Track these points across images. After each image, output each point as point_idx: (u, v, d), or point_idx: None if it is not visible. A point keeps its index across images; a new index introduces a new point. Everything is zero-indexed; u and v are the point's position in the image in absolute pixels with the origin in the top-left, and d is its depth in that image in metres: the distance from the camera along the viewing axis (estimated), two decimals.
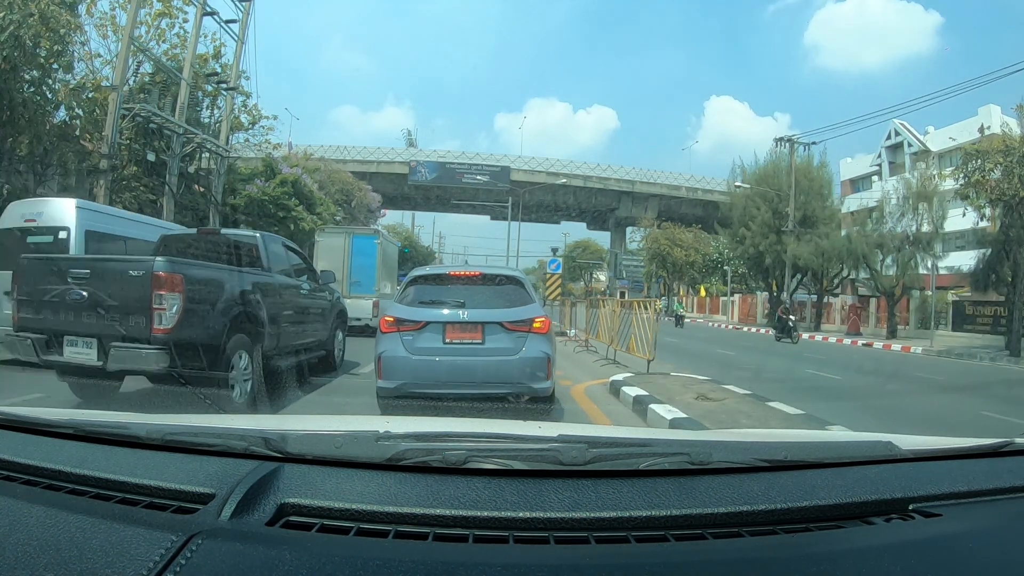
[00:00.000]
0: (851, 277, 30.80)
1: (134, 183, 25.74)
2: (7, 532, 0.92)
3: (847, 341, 22.07)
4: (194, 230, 10.01)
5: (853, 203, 37.93)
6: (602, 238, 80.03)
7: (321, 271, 8.99)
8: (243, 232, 9.24)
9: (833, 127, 53.34)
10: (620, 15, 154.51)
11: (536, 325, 5.64)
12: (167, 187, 24.09)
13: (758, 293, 38.58)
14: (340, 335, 8.97)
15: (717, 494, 1.07)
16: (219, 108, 30.32)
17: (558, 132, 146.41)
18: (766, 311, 36.71)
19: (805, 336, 25.13)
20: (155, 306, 5.01)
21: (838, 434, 2.44)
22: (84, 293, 5.12)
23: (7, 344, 5.64)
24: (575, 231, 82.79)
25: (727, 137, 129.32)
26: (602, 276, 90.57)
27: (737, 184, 31.15)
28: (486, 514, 0.98)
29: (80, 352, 5.17)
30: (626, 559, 0.91)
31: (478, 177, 58.77)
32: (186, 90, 24.66)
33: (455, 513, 0.98)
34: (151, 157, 23.43)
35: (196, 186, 28.63)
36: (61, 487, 1.09)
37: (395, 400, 5.47)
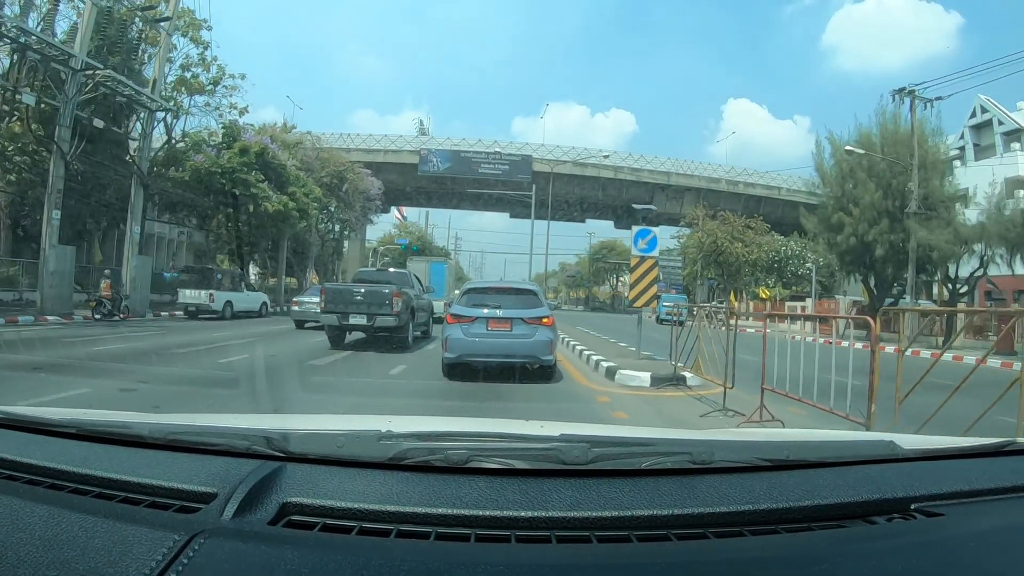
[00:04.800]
0: (983, 274, 22.51)
1: (32, 147, 18.18)
2: (10, 531, 0.91)
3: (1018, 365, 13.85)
4: (374, 268, 19.52)
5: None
6: (629, 238, 71.24)
7: (426, 286, 17.66)
8: (400, 269, 17.81)
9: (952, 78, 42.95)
10: (639, 19, 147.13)
11: (544, 320, 8.53)
12: (56, 145, 16.36)
13: (839, 297, 30.32)
14: (431, 321, 15.84)
15: (719, 493, 1.05)
16: (171, 63, 22.71)
17: (576, 135, 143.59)
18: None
19: (947, 357, 16.77)
20: (393, 303, 11.97)
21: (840, 433, 2.28)
22: (360, 298, 11.99)
23: (323, 318, 12.41)
24: (600, 230, 74.45)
25: (746, 140, 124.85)
26: (629, 279, 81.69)
27: (848, 148, 22.90)
28: (488, 513, 0.97)
29: (358, 319, 11.98)
30: (628, 558, 0.89)
31: (496, 167, 50.84)
32: (91, 11, 16.98)
33: (457, 512, 0.97)
34: (29, 99, 15.79)
35: (130, 157, 20.97)
36: (64, 486, 1.07)
37: (455, 366, 8.41)
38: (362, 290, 12.07)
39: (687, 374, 8.56)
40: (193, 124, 25.50)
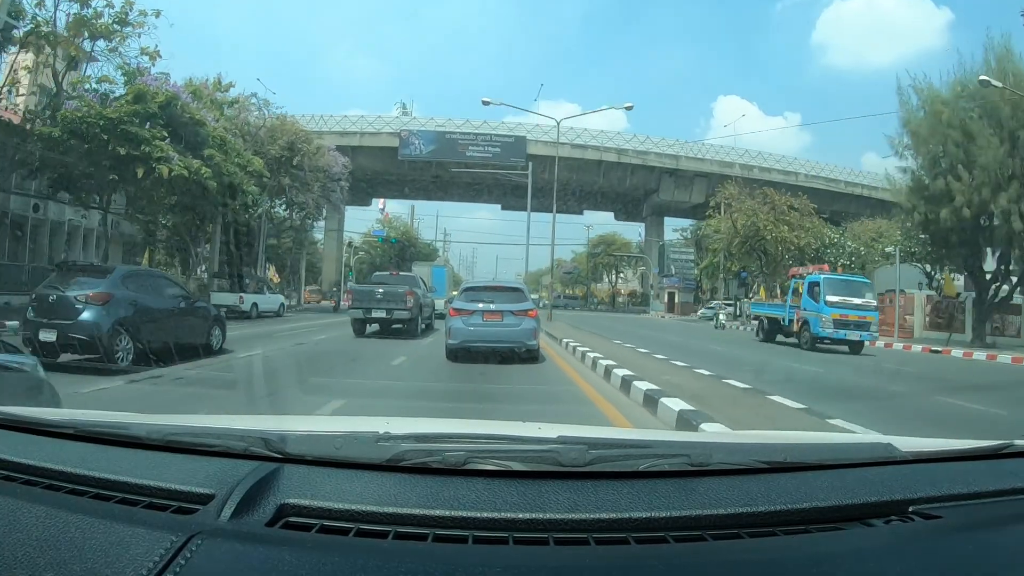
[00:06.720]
0: None
1: None
2: (7, 532, 0.89)
3: None
4: (388, 272, 21.38)
5: None
6: (629, 232, 65.02)
7: (429, 286, 20.54)
8: (408, 273, 20.92)
9: None
10: (632, 16, 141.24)
11: (530, 313, 10.34)
12: None
13: (914, 291, 24.26)
14: (434, 316, 18.37)
15: (717, 495, 1.04)
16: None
17: (568, 132, 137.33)
18: (926, 318, 22.49)
19: None
20: (407, 299, 14.84)
21: (838, 435, 2.27)
22: (380, 296, 14.81)
23: (350, 313, 15.28)
24: (598, 224, 68.48)
25: (738, 138, 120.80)
26: (630, 275, 75.46)
27: (983, 78, 16.64)
28: (486, 515, 0.96)
29: (379, 313, 14.75)
30: (626, 560, 0.89)
31: (487, 149, 44.36)
32: None
33: (455, 514, 0.95)
34: None
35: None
36: (61, 487, 1.05)
37: (457, 350, 10.07)
38: (381, 290, 15.03)
39: None
40: (97, 75, 19.18)
